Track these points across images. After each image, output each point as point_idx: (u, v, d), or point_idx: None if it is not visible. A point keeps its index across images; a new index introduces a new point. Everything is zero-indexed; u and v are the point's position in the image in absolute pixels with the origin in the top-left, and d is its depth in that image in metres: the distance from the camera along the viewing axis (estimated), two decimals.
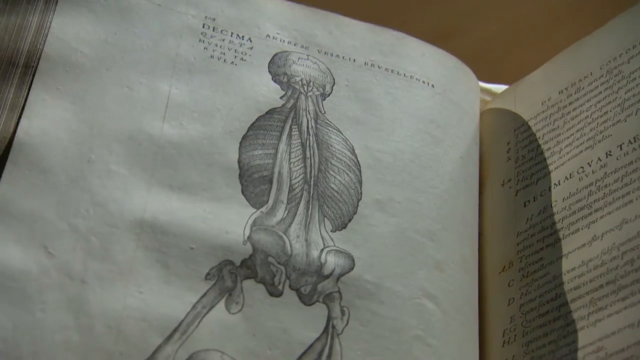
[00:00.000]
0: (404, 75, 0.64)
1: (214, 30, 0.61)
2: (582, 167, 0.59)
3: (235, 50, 0.61)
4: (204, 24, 0.61)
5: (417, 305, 0.56)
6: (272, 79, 0.60)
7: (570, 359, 0.53)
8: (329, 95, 0.61)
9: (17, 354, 0.47)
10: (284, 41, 0.62)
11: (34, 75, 0.56)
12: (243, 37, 0.62)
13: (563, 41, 0.66)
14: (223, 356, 0.50)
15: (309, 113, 0.60)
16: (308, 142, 0.59)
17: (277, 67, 0.61)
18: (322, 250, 0.55)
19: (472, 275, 0.59)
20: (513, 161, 0.63)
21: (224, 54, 0.60)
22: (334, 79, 0.62)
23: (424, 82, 0.64)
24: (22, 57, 0.56)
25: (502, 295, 0.59)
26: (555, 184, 0.60)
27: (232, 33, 0.61)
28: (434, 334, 0.55)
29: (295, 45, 0.63)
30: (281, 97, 0.60)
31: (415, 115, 0.62)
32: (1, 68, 0.56)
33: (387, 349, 0.53)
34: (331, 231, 0.56)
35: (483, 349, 0.58)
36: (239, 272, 0.53)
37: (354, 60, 0.63)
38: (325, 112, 0.60)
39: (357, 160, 0.59)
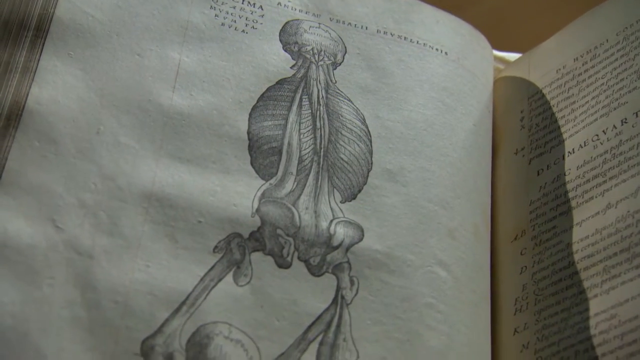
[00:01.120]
0: (417, 42, 0.63)
1: None
2: (597, 135, 0.59)
3: (247, 18, 0.60)
4: None
5: (428, 273, 0.56)
6: (283, 48, 0.60)
7: (583, 326, 0.53)
8: (340, 64, 0.61)
9: (25, 329, 0.48)
10: (295, 9, 0.62)
11: (45, 39, 0.56)
12: (254, 4, 0.61)
13: (577, 9, 0.65)
14: (231, 328, 0.51)
15: (320, 83, 0.60)
16: (318, 112, 0.59)
17: (288, 36, 0.61)
18: (331, 222, 0.55)
19: (485, 243, 0.59)
20: (526, 129, 0.63)
21: (235, 21, 0.60)
22: (345, 47, 0.62)
23: (437, 49, 0.64)
24: (34, 20, 0.56)
25: (514, 264, 0.59)
26: (569, 152, 0.60)
27: (243, 0, 0.61)
28: (445, 301, 0.55)
29: (306, 13, 0.62)
30: (291, 67, 0.60)
31: (428, 83, 0.62)
32: (12, 31, 0.55)
33: (398, 317, 0.54)
34: (340, 202, 0.56)
35: (495, 317, 0.58)
36: (247, 245, 0.53)
37: (366, 28, 0.63)
38: (336, 82, 0.60)
39: (368, 130, 0.59)
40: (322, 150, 0.57)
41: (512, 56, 0.69)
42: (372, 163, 0.58)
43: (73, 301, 0.49)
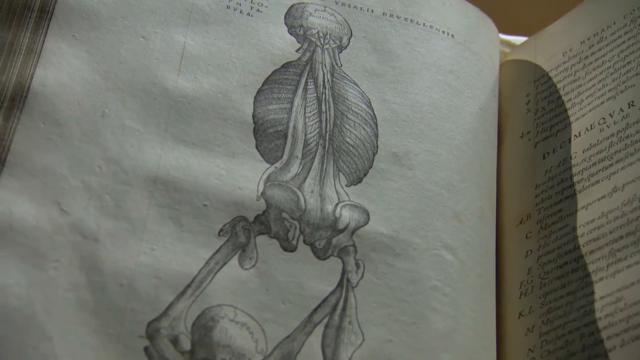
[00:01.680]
0: (424, 25, 0.63)
1: None
2: (604, 118, 0.59)
3: (252, 1, 0.60)
4: None
5: (434, 256, 0.56)
6: (288, 31, 0.60)
7: (588, 310, 0.53)
8: (345, 47, 0.61)
9: (30, 311, 0.48)
10: None
11: (49, 21, 0.56)
12: None
13: None
14: (236, 311, 0.51)
15: (325, 66, 0.60)
16: (324, 96, 0.59)
17: (293, 19, 0.61)
18: (336, 205, 0.55)
19: (490, 227, 0.59)
20: (532, 113, 0.63)
21: (240, 4, 0.60)
22: (351, 30, 0.62)
23: (443, 32, 0.63)
24: (38, 1, 0.56)
25: (520, 247, 0.59)
26: (575, 135, 0.60)
27: None
28: (451, 284, 0.55)
29: None
30: (297, 50, 0.59)
31: (434, 65, 0.62)
32: (16, 11, 0.55)
33: (404, 300, 0.54)
34: (346, 186, 0.56)
35: (500, 300, 0.58)
36: (252, 228, 0.53)
37: (372, 11, 0.63)
38: (341, 65, 0.60)
39: (374, 113, 0.59)
40: (327, 133, 0.57)
41: (519, 39, 0.68)
42: (377, 146, 0.58)
43: (78, 284, 0.49)
